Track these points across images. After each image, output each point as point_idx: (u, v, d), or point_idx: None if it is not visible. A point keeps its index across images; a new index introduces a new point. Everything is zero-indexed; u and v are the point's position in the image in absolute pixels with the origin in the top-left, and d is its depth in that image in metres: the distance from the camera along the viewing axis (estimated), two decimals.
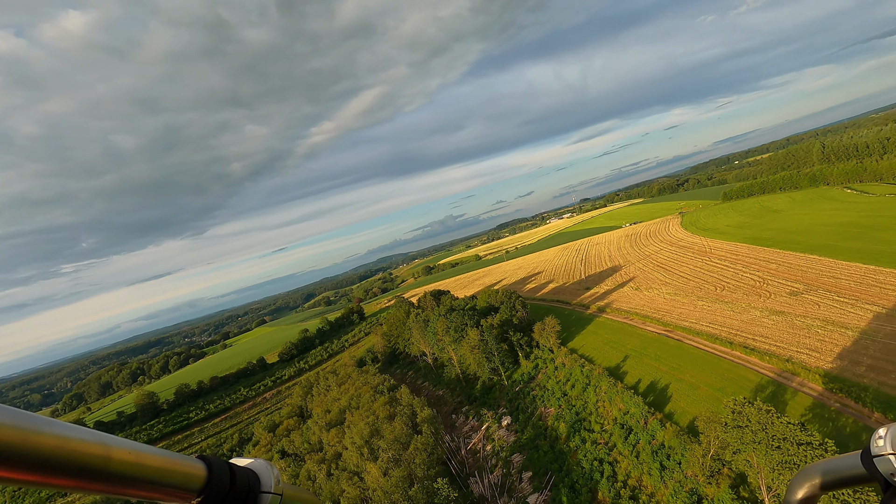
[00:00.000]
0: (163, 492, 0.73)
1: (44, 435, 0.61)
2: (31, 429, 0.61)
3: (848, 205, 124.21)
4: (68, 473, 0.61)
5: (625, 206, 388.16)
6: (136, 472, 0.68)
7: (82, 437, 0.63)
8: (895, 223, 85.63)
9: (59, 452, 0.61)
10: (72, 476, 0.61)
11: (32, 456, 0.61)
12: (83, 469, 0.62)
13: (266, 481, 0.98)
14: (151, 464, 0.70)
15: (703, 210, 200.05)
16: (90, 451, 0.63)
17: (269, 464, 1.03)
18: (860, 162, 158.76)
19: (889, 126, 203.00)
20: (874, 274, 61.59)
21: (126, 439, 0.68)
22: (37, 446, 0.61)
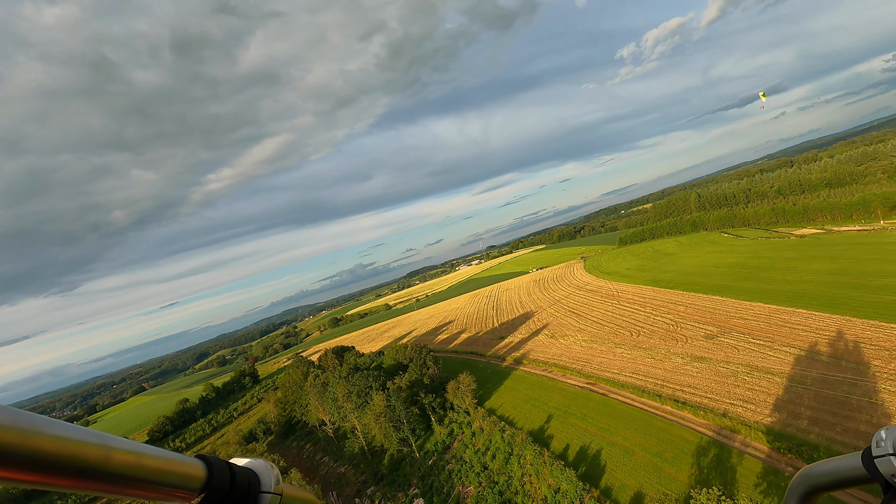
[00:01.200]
0: (163, 492, 0.77)
1: (44, 435, 0.65)
2: (31, 429, 0.65)
3: (728, 247, 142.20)
4: (68, 473, 0.65)
5: (530, 252, 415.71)
6: (137, 472, 0.71)
7: (82, 438, 0.66)
8: (776, 263, 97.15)
9: (59, 452, 0.65)
10: (72, 476, 0.65)
11: (32, 456, 0.65)
12: (83, 469, 0.66)
13: (266, 481, 1.03)
14: (151, 464, 0.74)
15: (602, 254, 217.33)
16: (90, 451, 0.66)
17: (268, 463, 1.08)
18: (730, 209, 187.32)
19: (745, 180, 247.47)
20: (778, 314, 65.82)
21: (126, 439, 0.72)
22: (37, 446, 0.65)
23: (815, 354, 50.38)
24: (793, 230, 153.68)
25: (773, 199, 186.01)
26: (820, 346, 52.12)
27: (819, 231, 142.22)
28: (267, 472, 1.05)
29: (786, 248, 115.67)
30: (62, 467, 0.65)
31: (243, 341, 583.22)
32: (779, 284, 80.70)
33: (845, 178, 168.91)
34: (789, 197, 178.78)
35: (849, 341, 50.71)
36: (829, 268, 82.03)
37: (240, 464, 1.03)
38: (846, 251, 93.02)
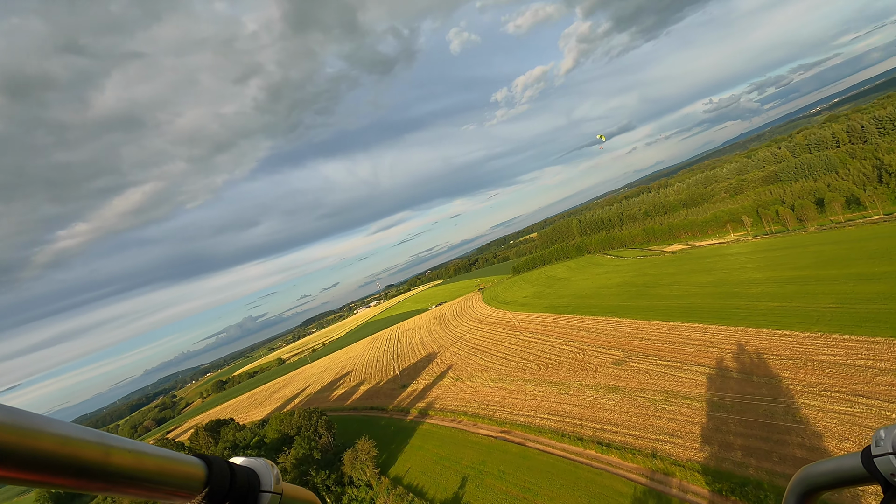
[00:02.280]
0: (163, 491, 0.77)
1: (43, 434, 0.64)
2: (31, 428, 0.64)
3: (613, 267, 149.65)
4: (68, 473, 0.64)
5: (428, 289, 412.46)
6: (137, 472, 0.71)
7: (82, 437, 0.66)
8: (661, 279, 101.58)
9: (58, 452, 0.64)
10: (72, 475, 0.65)
11: (32, 455, 0.64)
12: (83, 468, 0.65)
13: (266, 480, 1.04)
14: (151, 463, 0.74)
15: (499, 284, 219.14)
16: (90, 451, 0.66)
17: (268, 463, 1.08)
18: (608, 232, 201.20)
19: (615, 206, 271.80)
20: (677, 330, 65.56)
21: (126, 438, 0.72)
22: (36, 445, 0.64)
23: (726, 372, 48.92)
24: (664, 247, 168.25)
25: (642, 220, 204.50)
26: (727, 361, 51.10)
27: (685, 247, 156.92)
28: (267, 472, 1.05)
29: (664, 265, 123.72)
30: (62, 466, 0.65)
31: (108, 421, 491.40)
32: (669, 300, 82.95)
33: (697, 198, 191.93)
34: (656, 218, 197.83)
35: (751, 353, 50.27)
36: (708, 280, 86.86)
37: (240, 463, 1.04)
38: (716, 263, 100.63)
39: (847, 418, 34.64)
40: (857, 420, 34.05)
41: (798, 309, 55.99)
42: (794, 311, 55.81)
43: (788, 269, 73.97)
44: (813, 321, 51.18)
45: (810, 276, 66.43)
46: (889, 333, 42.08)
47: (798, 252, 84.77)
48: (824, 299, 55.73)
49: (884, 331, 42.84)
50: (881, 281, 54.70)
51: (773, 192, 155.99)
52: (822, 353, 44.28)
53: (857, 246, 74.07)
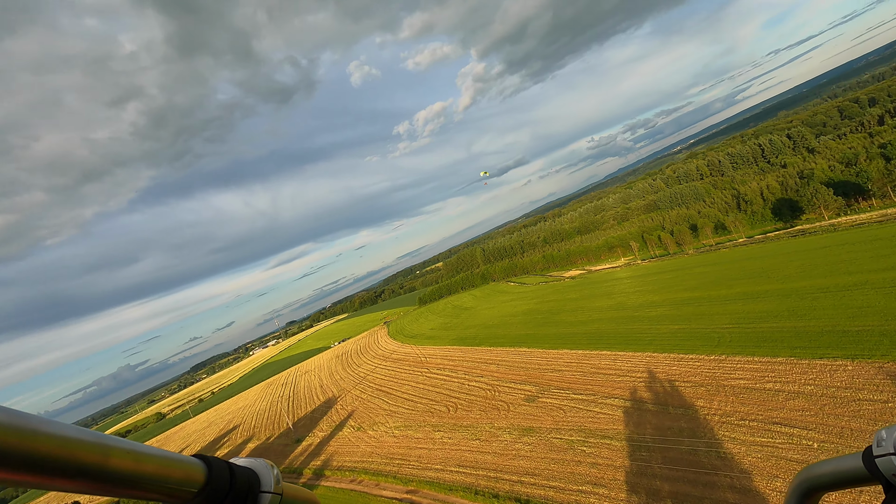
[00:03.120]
0: (163, 492, 0.77)
1: (42, 435, 0.64)
2: (29, 429, 0.64)
3: (517, 294, 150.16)
4: (67, 474, 0.64)
5: (332, 324, 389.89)
6: (136, 472, 0.71)
7: (81, 438, 0.66)
8: (564, 305, 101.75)
9: (57, 453, 0.64)
10: (70, 476, 0.64)
11: (30, 456, 0.64)
12: (82, 469, 0.65)
13: (266, 481, 1.03)
14: (150, 464, 0.73)
15: (405, 317, 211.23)
16: (89, 452, 0.66)
17: (268, 463, 1.08)
18: (511, 260, 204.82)
19: (515, 234, 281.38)
20: (586, 359, 63.20)
21: (125, 439, 0.72)
22: (35, 446, 0.64)
23: (641, 403, 46.30)
24: (563, 273, 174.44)
25: (542, 247, 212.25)
26: (641, 392, 48.76)
27: (583, 272, 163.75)
28: (267, 472, 1.05)
29: (565, 290, 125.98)
30: (61, 467, 0.64)
31: None
32: (575, 327, 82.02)
33: (590, 225, 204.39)
34: (554, 245, 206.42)
35: (663, 381, 48.51)
36: (609, 304, 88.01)
37: (240, 464, 1.04)
38: (614, 287, 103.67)
39: (770, 451, 32.51)
40: (780, 453, 31.98)
41: (698, 331, 56.38)
42: (695, 334, 56.04)
43: (681, 291, 76.76)
44: (715, 343, 51.19)
45: (702, 296, 68.87)
46: (787, 353, 42.26)
47: (685, 274, 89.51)
48: (720, 320, 56.82)
49: (782, 350, 43.06)
50: (766, 299, 57.22)
51: (654, 218, 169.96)
52: (730, 377, 43.34)
53: (735, 266, 79.45)
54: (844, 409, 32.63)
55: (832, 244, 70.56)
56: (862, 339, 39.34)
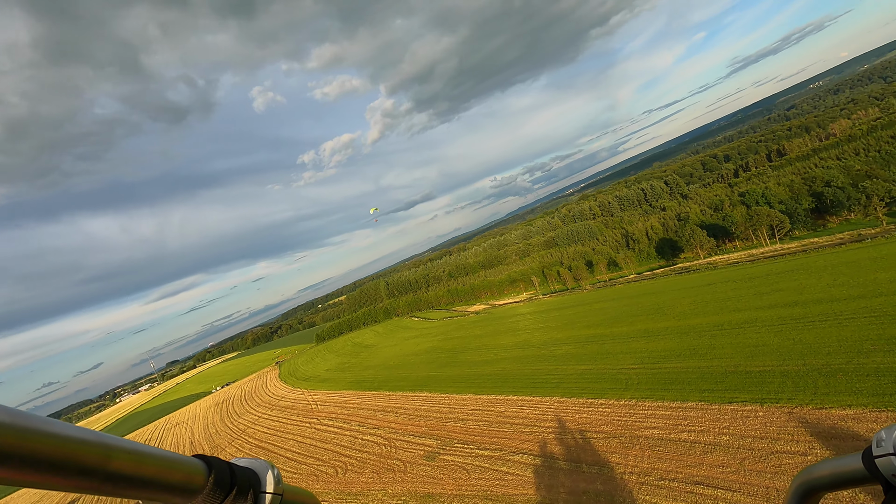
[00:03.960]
0: (164, 492, 0.76)
1: (43, 435, 0.64)
2: (31, 428, 0.64)
3: (421, 331, 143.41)
4: (68, 474, 0.64)
5: (218, 364, 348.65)
6: (137, 473, 0.71)
7: (82, 437, 0.65)
8: (469, 343, 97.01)
9: (58, 452, 0.64)
10: (71, 476, 0.64)
11: (32, 456, 0.64)
12: (83, 469, 0.65)
13: (267, 481, 1.03)
14: (152, 464, 0.73)
15: (300, 356, 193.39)
16: (90, 451, 0.65)
17: (269, 464, 1.08)
18: (415, 294, 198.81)
19: (420, 267, 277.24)
20: (492, 405, 57.58)
21: (126, 439, 0.72)
22: (36, 446, 0.64)
23: (552, 460, 41.13)
24: (468, 307, 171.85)
25: (447, 281, 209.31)
26: (550, 445, 43.76)
27: (487, 306, 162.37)
28: (268, 472, 1.05)
29: (470, 326, 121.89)
30: (62, 467, 0.64)
31: None
32: (480, 367, 76.85)
33: (493, 260, 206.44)
34: (459, 279, 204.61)
35: (574, 432, 44.09)
36: (514, 341, 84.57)
37: (241, 464, 1.03)
38: (518, 323, 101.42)
39: None
40: None
41: (606, 372, 53.74)
42: (602, 375, 53.25)
43: (584, 328, 75.57)
44: (623, 386, 48.42)
45: (605, 333, 67.68)
46: (697, 397, 40.13)
47: (586, 310, 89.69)
48: (625, 359, 54.88)
49: (692, 394, 40.92)
50: (666, 337, 56.70)
51: (553, 254, 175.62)
52: (643, 426, 40.00)
53: (632, 303, 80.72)
54: (765, 463, 29.95)
55: (716, 281, 74.35)
56: (765, 380, 38.27)
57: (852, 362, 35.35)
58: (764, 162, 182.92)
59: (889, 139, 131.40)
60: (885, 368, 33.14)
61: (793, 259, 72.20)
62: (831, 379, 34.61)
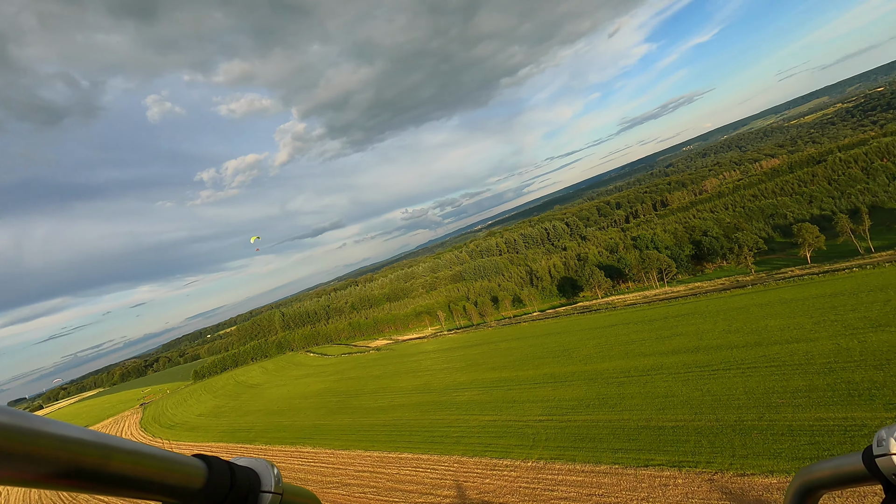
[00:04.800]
0: (163, 492, 0.76)
1: (42, 434, 0.64)
2: (30, 428, 0.64)
3: (315, 368, 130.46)
4: (67, 474, 0.64)
5: (71, 405, 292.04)
6: (136, 472, 0.71)
7: (81, 437, 0.65)
8: (366, 385, 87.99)
9: (57, 452, 0.64)
10: (71, 476, 0.64)
11: (31, 456, 0.64)
12: (82, 469, 0.65)
13: (266, 481, 1.03)
14: (151, 464, 0.73)
15: (171, 396, 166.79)
16: (89, 451, 0.65)
17: (269, 463, 1.07)
18: (314, 326, 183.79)
19: (323, 297, 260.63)
20: (383, 465, 49.12)
21: (126, 439, 0.72)
22: (35, 446, 0.64)
23: None
24: (369, 343, 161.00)
25: (349, 314, 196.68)
26: None
27: (390, 342, 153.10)
28: (268, 472, 1.04)
29: (369, 364, 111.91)
30: (61, 467, 0.63)
31: None
32: (374, 415, 67.77)
33: (399, 293, 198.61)
34: (362, 311, 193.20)
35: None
36: (414, 384, 76.90)
37: (240, 463, 1.04)
38: (420, 363, 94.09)
39: None
40: None
41: (511, 425, 48.19)
42: (508, 429, 47.59)
43: (489, 370, 70.53)
44: (530, 442, 43.03)
45: (510, 378, 62.97)
46: (610, 458, 35.73)
47: (491, 350, 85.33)
48: (532, 409, 49.98)
49: (604, 454, 36.46)
50: (573, 383, 53.16)
51: (459, 289, 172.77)
52: (553, 494, 34.42)
53: (537, 343, 77.82)
54: None
55: (618, 322, 74.17)
56: (679, 437, 34.99)
57: (764, 418, 33.25)
58: (650, 211, 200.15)
59: (750, 197, 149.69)
60: (798, 427, 31.22)
61: (685, 302, 74.47)
62: (747, 438, 32.01)
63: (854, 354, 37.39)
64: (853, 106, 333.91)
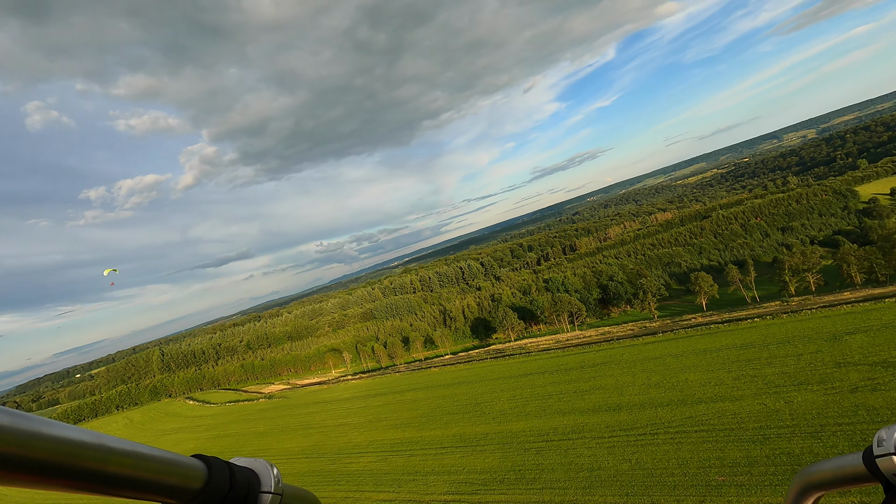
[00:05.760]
0: (162, 492, 0.73)
1: (41, 435, 0.63)
2: (28, 429, 0.63)
3: (192, 421, 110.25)
4: (66, 475, 0.63)
5: None
6: (135, 473, 0.69)
7: (80, 438, 0.64)
8: (244, 444, 73.81)
9: (56, 453, 0.63)
10: (69, 477, 0.63)
11: (29, 457, 0.63)
12: (81, 470, 0.64)
13: (266, 481, 1.01)
14: (150, 464, 0.71)
15: None
16: (88, 452, 0.64)
17: (269, 464, 1.05)
18: (199, 368, 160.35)
19: (218, 334, 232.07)
20: None
21: (125, 440, 0.69)
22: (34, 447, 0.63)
23: None
24: (262, 388, 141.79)
25: (242, 353, 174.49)
26: None
27: (286, 387, 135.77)
28: (267, 472, 1.02)
29: (255, 417, 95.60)
30: (60, 468, 0.62)
31: None
32: None
33: (303, 331, 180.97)
34: (258, 351, 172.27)
35: None
36: (303, 446, 64.17)
37: (240, 464, 1.01)
38: (315, 415, 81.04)
39: None
40: None
41: None
42: None
43: (391, 428, 60.60)
44: None
45: (414, 439, 53.67)
46: None
47: (396, 400, 75.52)
48: (437, 483, 41.08)
49: None
50: (485, 447, 45.39)
51: (369, 328, 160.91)
52: None
53: (447, 394, 69.74)
54: None
55: (532, 371, 68.70)
56: None
57: (707, 502, 27.71)
58: (560, 254, 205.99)
59: (650, 245, 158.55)
60: None
61: (599, 349, 71.36)
62: None
63: (784, 418, 34.00)
64: (726, 172, 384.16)
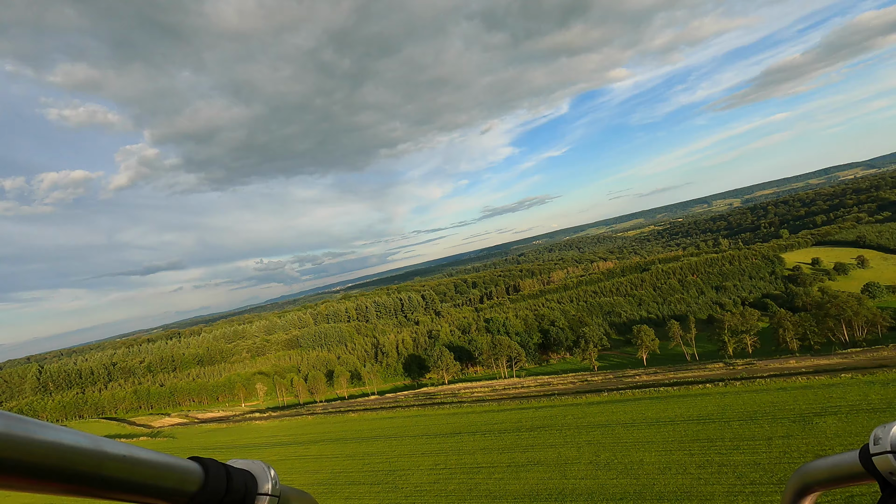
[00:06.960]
0: (159, 495, 0.73)
1: (36, 439, 0.62)
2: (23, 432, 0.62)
3: None
4: (62, 478, 0.62)
5: None
6: (131, 476, 0.69)
7: (76, 441, 0.64)
8: None
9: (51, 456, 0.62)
10: (65, 481, 0.62)
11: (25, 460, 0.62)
12: (77, 473, 0.63)
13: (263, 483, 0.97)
14: (146, 467, 0.70)
15: None
16: (84, 455, 0.64)
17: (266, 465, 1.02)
18: (83, 392, 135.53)
19: (121, 350, 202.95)
20: None
21: (120, 442, 0.69)
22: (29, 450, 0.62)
23: None
24: (154, 420, 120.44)
25: (141, 377, 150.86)
26: None
27: (182, 421, 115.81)
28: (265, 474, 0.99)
29: None
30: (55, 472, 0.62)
31: None
32: None
33: (216, 355, 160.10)
34: (158, 375, 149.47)
35: None
36: None
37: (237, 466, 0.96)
38: None
39: None
40: None
41: None
42: None
43: None
44: None
45: None
46: None
47: (298, 455, 62.22)
48: None
49: None
50: None
51: (292, 357, 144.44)
52: None
53: (360, 452, 57.71)
54: None
55: (463, 429, 58.37)
56: None
57: None
58: (504, 294, 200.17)
59: (592, 293, 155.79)
60: None
61: (539, 407, 62.54)
62: None
63: None
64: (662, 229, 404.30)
